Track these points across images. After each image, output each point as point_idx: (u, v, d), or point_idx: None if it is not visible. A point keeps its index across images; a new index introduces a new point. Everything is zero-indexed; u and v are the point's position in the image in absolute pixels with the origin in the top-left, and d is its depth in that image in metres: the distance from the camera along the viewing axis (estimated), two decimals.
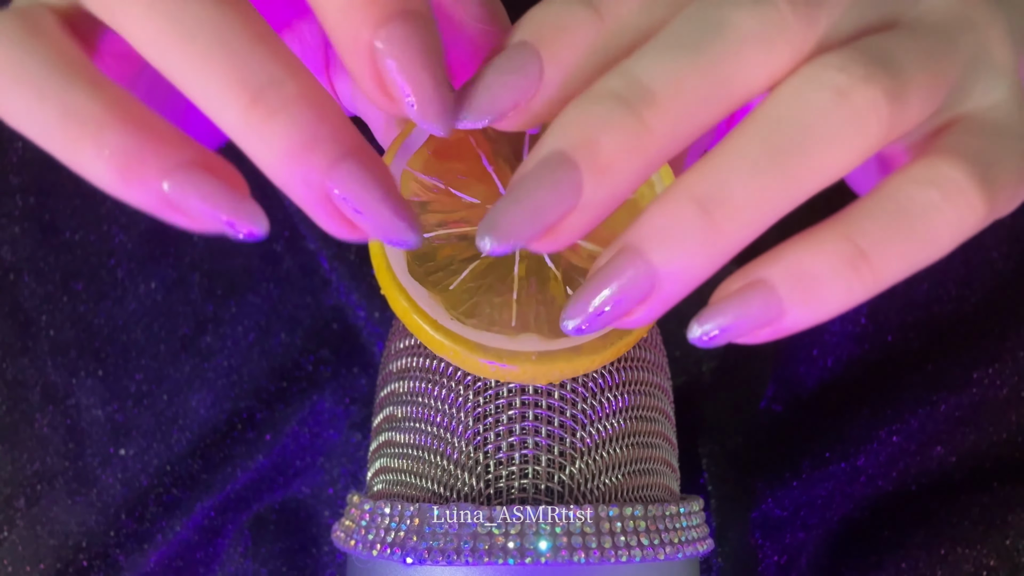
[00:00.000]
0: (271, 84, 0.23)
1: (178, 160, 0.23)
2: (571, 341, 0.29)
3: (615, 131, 0.23)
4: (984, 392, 0.42)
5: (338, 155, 0.23)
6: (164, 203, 0.23)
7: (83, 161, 0.23)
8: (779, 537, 0.45)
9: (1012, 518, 0.39)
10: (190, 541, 0.45)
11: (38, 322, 0.45)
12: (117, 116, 0.23)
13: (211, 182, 0.23)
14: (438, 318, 0.29)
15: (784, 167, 0.23)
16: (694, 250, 0.23)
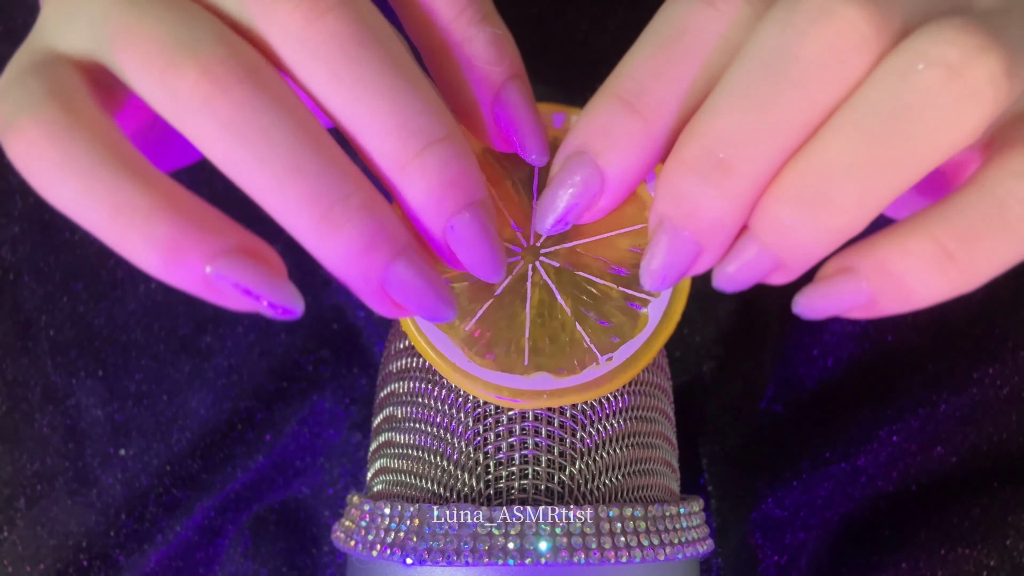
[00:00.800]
0: (338, 202, 0.25)
1: (220, 247, 0.24)
2: (580, 378, 0.31)
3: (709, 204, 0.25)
4: (984, 392, 0.42)
5: (392, 255, 0.25)
6: (206, 287, 0.25)
7: (132, 249, 0.24)
8: (779, 537, 0.45)
9: (1012, 518, 0.39)
10: (190, 541, 0.45)
11: (38, 322, 0.45)
12: (164, 207, 0.24)
13: (251, 267, 0.25)
14: (456, 361, 0.31)
15: (891, 160, 0.23)
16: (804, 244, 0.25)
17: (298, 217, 0.25)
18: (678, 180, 0.25)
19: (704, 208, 0.25)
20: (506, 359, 0.31)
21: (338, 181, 0.25)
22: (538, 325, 0.31)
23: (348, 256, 0.25)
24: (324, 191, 0.25)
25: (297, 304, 0.25)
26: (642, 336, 0.31)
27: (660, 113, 0.26)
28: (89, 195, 0.24)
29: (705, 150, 0.25)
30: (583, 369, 0.31)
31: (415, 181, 0.26)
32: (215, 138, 0.25)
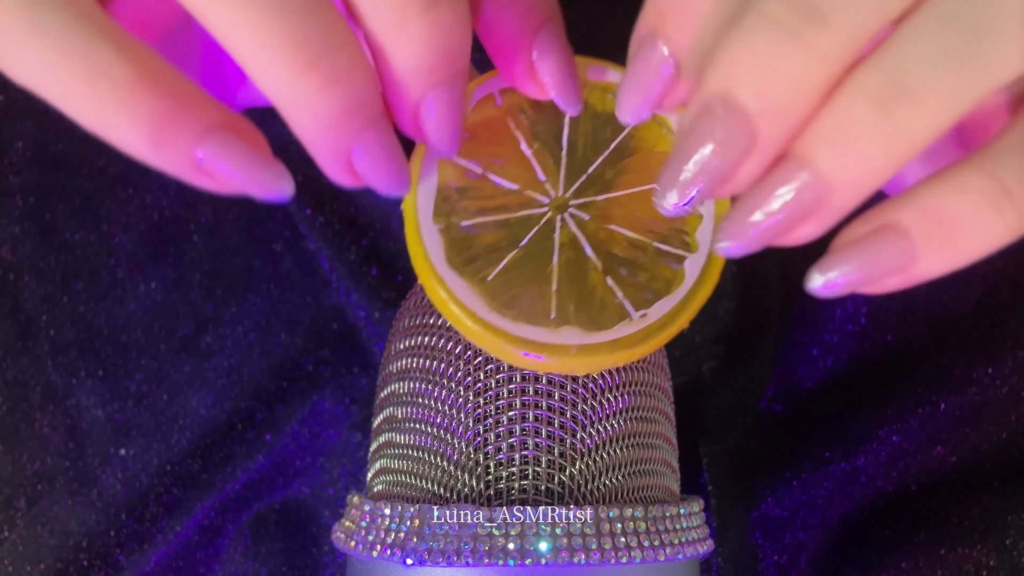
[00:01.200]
0: (326, 54, 0.23)
1: (209, 123, 0.23)
2: (611, 334, 0.28)
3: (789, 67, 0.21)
4: (984, 392, 0.42)
5: (365, 124, 0.24)
6: (195, 168, 0.23)
7: (112, 125, 0.22)
8: (779, 537, 0.45)
9: (1012, 518, 0.39)
10: (190, 541, 0.45)
11: (38, 322, 0.45)
12: (149, 77, 0.22)
13: (241, 146, 0.23)
14: (476, 310, 0.28)
15: (976, 59, 0.21)
16: (870, 154, 0.21)
17: (277, 64, 0.22)
18: (752, 34, 0.21)
19: (783, 71, 0.21)
20: (531, 311, 0.28)
21: (329, 30, 0.23)
22: (566, 278, 0.29)
23: (326, 117, 0.23)
24: (312, 38, 0.22)
25: (287, 186, 0.24)
26: (679, 293, 0.29)
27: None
28: (62, 60, 0.22)
29: (797, 3, 0.21)
30: (614, 325, 0.28)
31: (410, 42, 0.24)
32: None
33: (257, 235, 0.47)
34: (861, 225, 0.23)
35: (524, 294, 0.29)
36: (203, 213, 0.46)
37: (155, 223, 0.46)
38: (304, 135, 0.24)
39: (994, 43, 0.21)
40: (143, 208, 0.46)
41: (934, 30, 0.21)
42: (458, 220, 0.29)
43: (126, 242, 0.46)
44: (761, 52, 0.21)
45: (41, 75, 0.22)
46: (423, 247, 0.29)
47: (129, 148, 0.23)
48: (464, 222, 0.29)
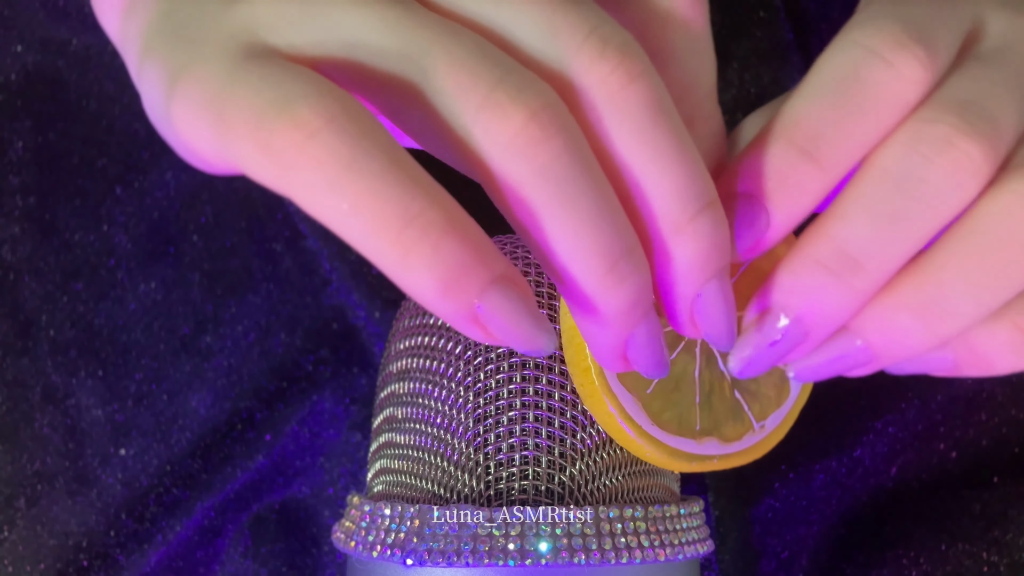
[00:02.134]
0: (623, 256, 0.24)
1: (494, 276, 0.23)
2: (741, 444, 0.31)
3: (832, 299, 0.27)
4: (980, 382, 0.42)
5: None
6: (471, 319, 0.23)
7: (410, 269, 0.23)
8: (780, 533, 0.45)
9: (1012, 513, 0.39)
10: (190, 541, 0.45)
11: (38, 322, 0.45)
12: (455, 225, 0.23)
13: (517, 301, 0.24)
14: (642, 424, 0.30)
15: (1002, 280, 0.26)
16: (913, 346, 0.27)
17: (587, 269, 0.24)
18: (807, 273, 0.27)
19: (827, 301, 0.27)
20: (679, 422, 0.31)
21: (623, 234, 0.24)
22: (705, 390, 0.31)
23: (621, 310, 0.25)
24: (613, 244, 0.24)
25: (551, 342, 0.25)
26: (787, 404, 0.32)
27: (837, 164, 0.27)
28: (375, 203, 0.22)
29: (839, 250, 0.26)
30: (742, 436, 0.32)
31: (687, 243, 0.25)
32: (526, 183, 0.23)
33: (257, 235, 0.47)
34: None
35: (673, 407, 0.31)
36: (203, 213, 0.46)
37: (155, 223, 0.46)
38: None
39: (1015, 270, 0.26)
40: (143, 208, 0.46)
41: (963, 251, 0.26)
42: None
43: (126, 242, 0.46)
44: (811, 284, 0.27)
45: (347, 215, 0.22)
46: (596, 361, 0.30)
47: (414, 290, 0.23)
48: None
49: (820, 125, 0.27)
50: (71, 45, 0.47)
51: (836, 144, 0.27)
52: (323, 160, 0.22)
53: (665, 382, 0.31)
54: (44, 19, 0.47)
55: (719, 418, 0.31)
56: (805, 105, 0.27)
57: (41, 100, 0.46)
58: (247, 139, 0.23)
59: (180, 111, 0.24)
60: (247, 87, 0.23)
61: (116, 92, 0.47)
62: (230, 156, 0.24)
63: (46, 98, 0.46)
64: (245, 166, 0.23)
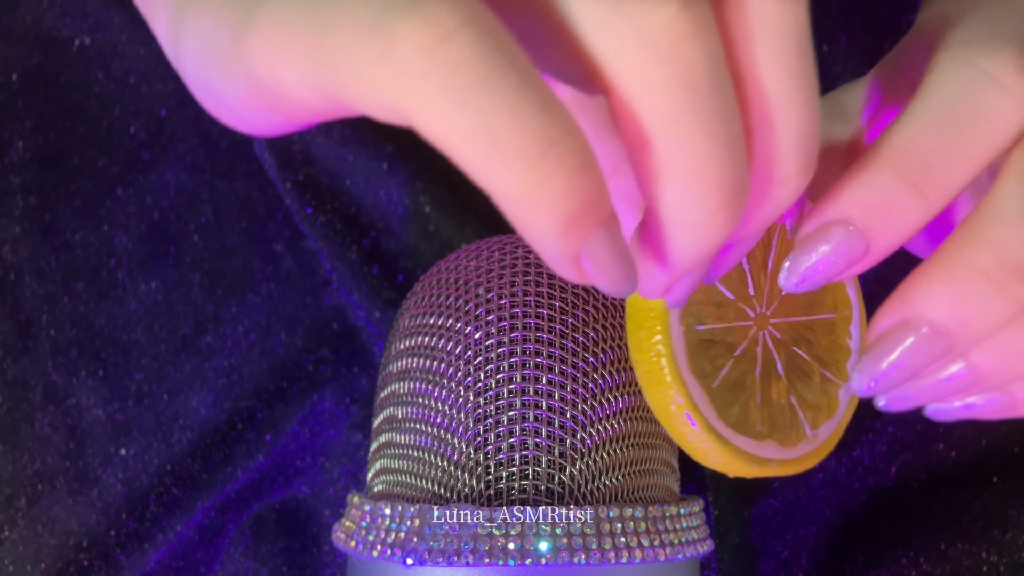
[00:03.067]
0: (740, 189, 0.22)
1: (605, 215, 0.21)
2: (797, 451, 0.31)
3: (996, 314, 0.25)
4: None
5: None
6: (575, 259, 0.21)
7: (536, 202, 0.20)
8: (779, 532, 0.45)
9: (1012, 513, 0.39)
10: (191, 541, 0.46)
11: (39, 322, 0.45)
12: (591, 159, 0.20)
13: (617, 243, 0.21)
14: (709, 417, 0.29)
15: None
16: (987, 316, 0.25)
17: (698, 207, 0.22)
18: (967, 287, 0.25)
19: (989, 317, 0.25)
20: (742, 421, 0.30)
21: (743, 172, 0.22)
22: (764, 392, 0.31)
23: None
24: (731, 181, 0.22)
25: (634, 287, 0.23)
26: (837, 416, 0.32)
27: (943, 195, 0.25)
28: (513, 123, 0.19)
29: (1002, 258, 0.25)
30: (798, 443, 0.31)
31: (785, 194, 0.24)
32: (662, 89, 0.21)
33: (257, 235, 0.47)
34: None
35: (735, 405, 0.30)
36: (203, 213, 0.47)
37: (155, 223, 0.46)
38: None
39: None
40: (143, 208, 0.46)
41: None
42: (694, 322, 0.30)
43: (126, 242, 0.46)
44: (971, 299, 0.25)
45: (476, 135, 0.20)
46: (672, 349, 0.29)
47: (533, 226, 0.20)
48: (699, 325, 0.30)
49: (929, 155, 0.25)
50: (71, 45, 0.47)
51: (945, 176, 0.25)
52: (457, 67, 0.19)
53: (729, 376, 0.30)
54: (45, 19, 0.47)
55: (777, 422, 0.31)
56: (914, 131, 0.26)
57: (41, 100, 0.46)
58: (360, 49, 0.20)
59: (263, 39, 0.21)
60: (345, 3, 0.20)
61: (116, 92, 0.47)
62: (331, 79, 0.20)
63: (46, 98, 0.46)
64: (352, 87, 0.20)
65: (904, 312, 0.26)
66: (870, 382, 0.26)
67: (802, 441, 0.31)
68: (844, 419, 0.32)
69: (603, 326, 0.33)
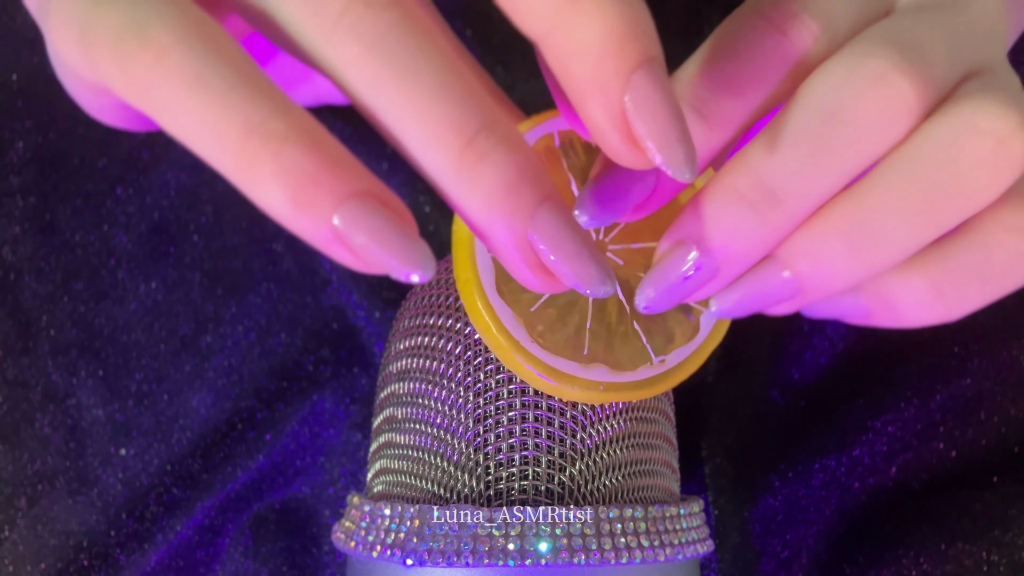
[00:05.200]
0: (483, 129, 0.23)
1: (352, 190, 0.22)
2: (634, 375, 0.30)
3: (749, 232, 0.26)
4: (979, 383, 0.42)
5: (539, 199, 0.23)
6: (332, 235, 0.22)
7: (258, 180, 0.22)
8: (780, 532, 0.45)
9: (1013, 513, 0.39)
10: (191, 541, 0.45)
11: (39, 322, 0.45)
12: (300, 134, 0.22)
13: (382, 216, 0.22)
14: (520, 339, 0.30)
15: (936, 208, 0.26)
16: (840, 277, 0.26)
17: (439, 145, 0.22)
18: (723, 204, 0.26)
19: (743, 235, 0.26)
20: (566, 345, 0.30)
21: (482, 107, 0.23)
22: (599, 318, 0.31)
23: (493, 194, 0.23)
24: (469, 116, 0.22)
25: (429, 266, 0.23)
26: (693, 344, 0.31)
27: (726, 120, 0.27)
28: (220, 114, 0.22)
29: (758, 181, 0.26)
30: (637, 368, 0.31)
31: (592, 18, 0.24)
32: (359, 62, 0.22)
33: (257, 235, 0.47)
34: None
35: (561, 328, 0.30)
36: (203, 213, 0.46)
37: (155, 223, 0.46)
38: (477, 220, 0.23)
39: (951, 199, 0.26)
40: (143, 208, 0.46)
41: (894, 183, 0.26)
42: None
43: (126, 242, 0.46)
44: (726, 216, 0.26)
45: (196, 128, 0.22)
46: (476, 273, 0.30)
47: (268, 205, 0.22)
48: None
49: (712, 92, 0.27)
50: None
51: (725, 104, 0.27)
52: (172, 78, 0.22)
53: (558, 303, 0.30)
54: None
55: (614, 346, 0.31)
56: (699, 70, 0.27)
57: (41, 100, 0.46)
58: (108, 60, 0.23)
59: (53, 33, 0.24)
60: (109, 6, 0.23)
61: None
62: (98, 78, 0.24)
63: (46, 98, 0.46)
64: (112, 88, 0.23)
65: (678, 234, 0.27)
66: (647, 302, 0.27)
67: (643, 366, 0.31)
68: (706, 345, 0.32)
69: None
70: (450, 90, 0.22)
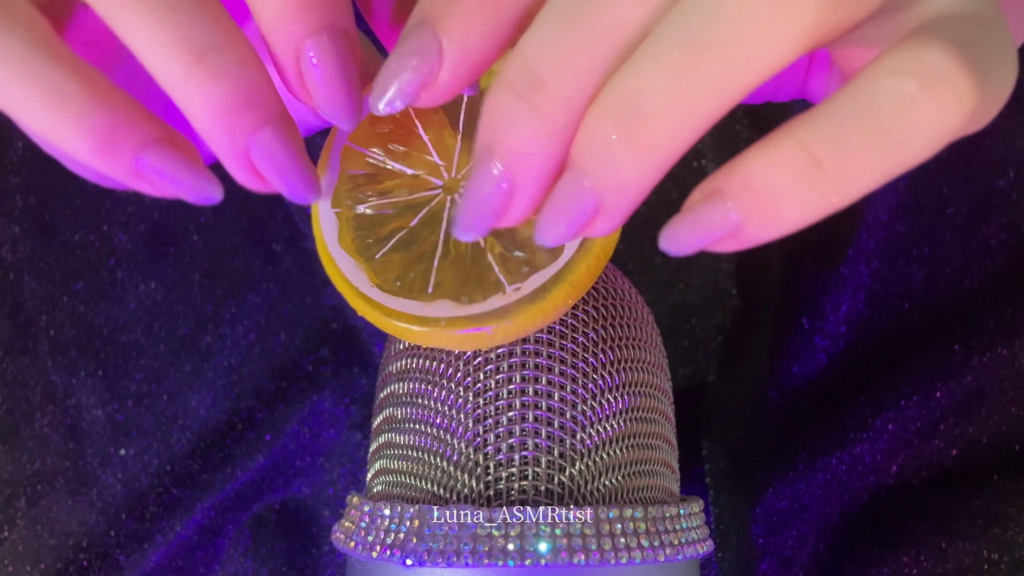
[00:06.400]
0: (212, 49, 0.25)
1: (148, 137, 0.26)
2: (482, 307, 0.29)
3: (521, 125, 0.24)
4: (979, 380, 0.42)
5: (262, 121, 0.25)
6: (133, 175, 0.26)
7: (63, 136, 0.25)
8: (780, 531, 0.45)
9: (1013, 511, 0.39)
10: (190, 541, 0.46)
11: (38, 322, 0.45)
12: (96, 95, 0.25)
13: (176, 157, 0.26)
14: (359, 285, 0.30)
15: (707, 73, 0.22)
16: (624, 166, 0.23)
17: (168, 60, 0.25)
18: (495, 98, 0.24)
19: (518, 131, 0.24)
20: (411, 286, 0.30)
21: (215, 29, 0.25)
22: (449, 255, 0.30)
23: (216, 110, 0.25)
24: (199, 35, 0.25)
25: (216, 191, 0.27)
26: (554, 267, 0.29)
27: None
28: (22, 80, 0.25)
29: (523, 65, 0.23)
30: (487, 299, 0.29)
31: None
32: None
33: (257, 235, 0.47)
34: (697, 192, 0.24)
35: (407, 271, 0.30)
36: (203, 213, 0.47)
37: (155, 223, 0.46)
38: (200, 129, 0.26)
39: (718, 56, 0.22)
40: (143, 208, 0.46)
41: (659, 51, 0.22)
42: (354, 204, 0.31)
43: (126, 242, 0.46)
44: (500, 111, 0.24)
45: (2, 93, 0.25)
46: (320, 227, 0.31)
47: (76, 154, 0.25)
48: (360, 206, 0.31)
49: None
50: None
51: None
52: None
53: (404, 246, 0.30)
54: None
55: (462, 281, 0.29)
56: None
57: None
58: None
59: None
60: None
61: None
62: None
63: None
64: None
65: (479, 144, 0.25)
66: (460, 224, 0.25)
67: (494, 296, 0.29)
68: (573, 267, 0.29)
69: (603, 326, 0.33)
70: (180, 8, 0.25)
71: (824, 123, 0.22)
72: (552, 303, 0.29)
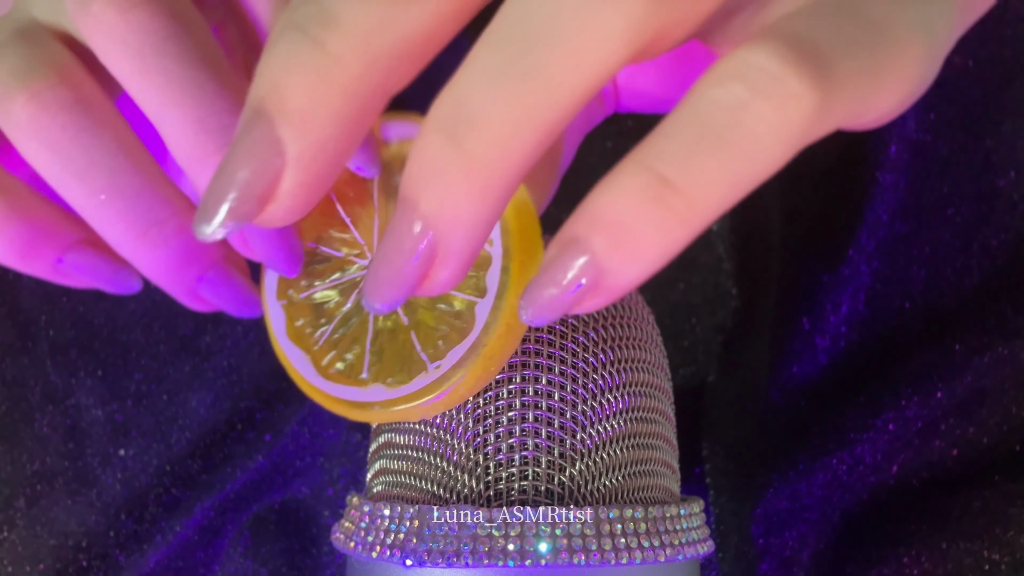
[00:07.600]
0: (155, 225, 0.28)
1: (68, 241, 0.29)
2: (408, 388, 0.29)
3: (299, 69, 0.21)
4: (979, 380, 0.42)
5: (203, 269, 0.30)
6: (55, 274, 0.29)
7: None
8: (780, 532, 0.45)
9: (1013, 511, 0.39)
10: (190, 541, 0.46)
11: (38, 322, 0.45)
12: (16, 209, 0.28)
13: (94, 257, 0.30)
14: (306, 375, 0.31)
15: (531, 67, 0.20)
16: (458, 188, 0.21)
17: (117, 235, 0.28)
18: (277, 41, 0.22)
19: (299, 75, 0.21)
20: (349, 372, 0.31)
21: (156, 205, 0.28)
22: (379, 338, 0.31)
23: (163, 270, 0.29)
24: (142, 214, 0.28)
25: (134, 282, 0.30)
26: (469, 339, 0.29)
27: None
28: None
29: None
30: (412, 379, 0.29)
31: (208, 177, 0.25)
32: (43, 157, 0.27)
33: None
34: (551, 247, 0.22)
35: (344, 355, 0.31)
36: None
37: None
38: (154, 280, 0.29)
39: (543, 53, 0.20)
40: None
41: (486, 55, 0.21)
42: (296, 293, 0.32)
43: None
44: (281, 58, 0.21)
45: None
46: (269, 320, 0.32)
47: (2, 261, 0.29)
48: (301, 295, 0.32)
49: None
50: None
51: None
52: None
53: (340, 330, 0.31)
54: None
55: (390, 364, 0.30)
56: None
57: None
58: None
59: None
60: None
61: None
62: None
63: None
64: None
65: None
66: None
67: (418, 376, 0.29)
68: (487, 338, 0.28)
69: (604, 327, 0.33)
70: (124, 189, 0.28)
71: (665, 142, 0.21)
72: (475, 376, 0.29)
